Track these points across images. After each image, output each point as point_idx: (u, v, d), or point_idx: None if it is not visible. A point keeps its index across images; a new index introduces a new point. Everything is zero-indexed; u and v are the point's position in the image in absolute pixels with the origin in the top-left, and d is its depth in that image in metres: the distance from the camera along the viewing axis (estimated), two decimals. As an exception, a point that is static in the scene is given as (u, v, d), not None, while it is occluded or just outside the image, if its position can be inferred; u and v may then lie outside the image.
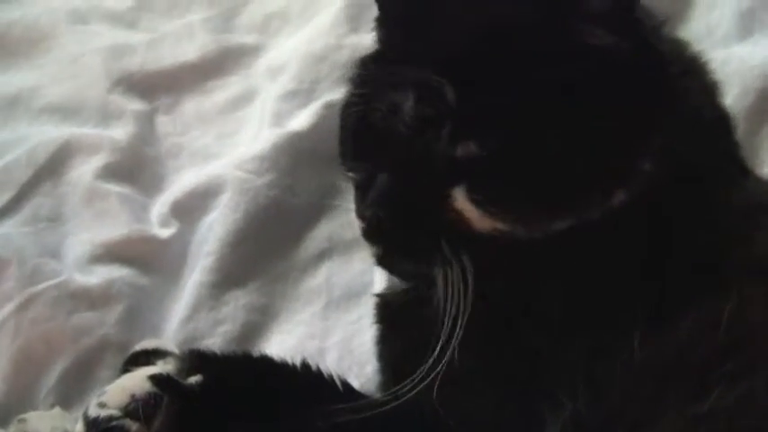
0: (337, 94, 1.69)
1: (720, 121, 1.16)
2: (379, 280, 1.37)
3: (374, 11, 1.88)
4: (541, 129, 1.02)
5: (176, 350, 1.28)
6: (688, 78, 1.13)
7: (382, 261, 1.14)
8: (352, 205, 1.55)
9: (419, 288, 1.13)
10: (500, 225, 1.04)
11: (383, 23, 1.17)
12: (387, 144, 1.07)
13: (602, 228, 1.04)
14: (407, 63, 1.06)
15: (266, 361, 1.19)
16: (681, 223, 1.04)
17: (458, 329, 1.01)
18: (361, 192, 1.09)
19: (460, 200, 1.04)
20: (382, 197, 1.05)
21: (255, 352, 1.30)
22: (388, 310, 1.20)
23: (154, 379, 1.09)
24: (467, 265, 1.03)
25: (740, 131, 1.24)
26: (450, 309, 1.02)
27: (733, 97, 1.44)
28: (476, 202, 1.03)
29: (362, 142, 1.11)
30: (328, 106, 1.66)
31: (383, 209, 1.05)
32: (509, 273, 1.05)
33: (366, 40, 1.81)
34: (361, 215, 1.09)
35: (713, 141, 1.14)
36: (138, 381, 1.10)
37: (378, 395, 1.14)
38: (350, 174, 1.14)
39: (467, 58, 1.03)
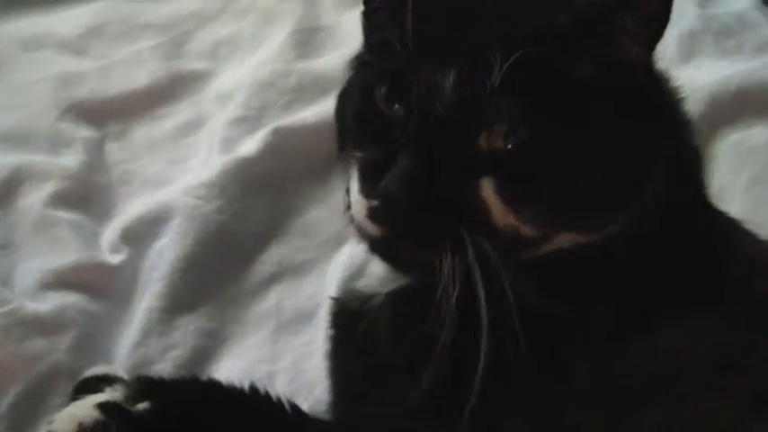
0: (286, 119, 1.73)
1: (698, 157, 1.18)
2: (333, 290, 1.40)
3: (321, 37, 1.92)
4: (572, 133, 1.03)
5: (126, 376, 1.28)
6: (678, 112, 1.15)
7: (385, 245, 1.11)
8: (300, 229, 1.58)
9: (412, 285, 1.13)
10: (518, 223, 1.04)
11: (411, 13, 1.08)
12: (416, 124, 1.04)
13: (593, 253, 1.06)
14: (446, 47, 1.04)
15: (214, 385, 1.19)
16: (652, 254, 1.06)
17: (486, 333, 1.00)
18: (373, 172, 1.06)
19: (487, 190, 1.03)
20: (406, 176, 1.01)
21: (204, 376, 1.31)
22: (345, 317, 1.20)
23: (102, 407, 1.09)
24: (489, 253, 1.02)
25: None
26: (449, 304, 1.01)
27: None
28: (502, 196, 1.03)
29: (375, 122, 1.09)
30: (276, 132, 1.69)
31: (405, 188, 1.01)
32: (502, 279, 1.02)
33: (314, 65, 1.85)
34: (377, 194, 1.04)
35: (695, 176, 1.17)
36: (86, 409, 1.10)
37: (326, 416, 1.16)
38: (356, 153, 1.10)
39: (510, 48, 1.00)
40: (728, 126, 1.70)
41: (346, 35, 1.96)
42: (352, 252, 1.52)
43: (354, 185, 1.08)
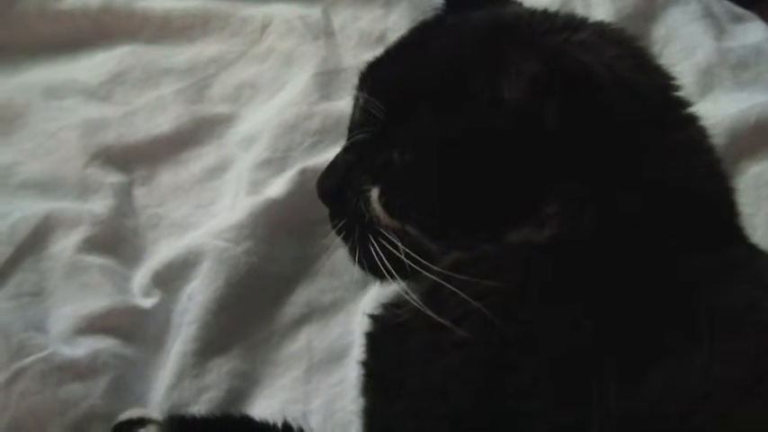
0: (311, 160, 1.74)
1: (723, 193, 1.21)
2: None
3: (342, 78, 1.93)
4: (452, 155, 1.12)
5: (160, 418, 1.30)
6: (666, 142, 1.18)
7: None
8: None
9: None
10: (402, 226, 1.18)
11: None
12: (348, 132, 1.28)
13: (511, 260, 1.09)
14: (373, 74, 1.27)
15: (247, 422, 1.21)
16: (643, 273, 1.06)
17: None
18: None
19: (373, 198, 1.19)
20: (324, 173, 1.30)
21: (236, 413, 1.32)
22: (377, 332, 1.20)
23: (138, 448, 1.11)
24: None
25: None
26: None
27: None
28: (383, 204, 1.18)
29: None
30: (303, 173, 1.71)
31: (321, 182, 1.30)
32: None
33: (336, 107, 1.86)
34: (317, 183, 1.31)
35: (690, 206, 1.16)
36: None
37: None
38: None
39: (406, 79, 1.20)
40: (748, 158, 1.72)
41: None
42: (378, 292, 1.54)
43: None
